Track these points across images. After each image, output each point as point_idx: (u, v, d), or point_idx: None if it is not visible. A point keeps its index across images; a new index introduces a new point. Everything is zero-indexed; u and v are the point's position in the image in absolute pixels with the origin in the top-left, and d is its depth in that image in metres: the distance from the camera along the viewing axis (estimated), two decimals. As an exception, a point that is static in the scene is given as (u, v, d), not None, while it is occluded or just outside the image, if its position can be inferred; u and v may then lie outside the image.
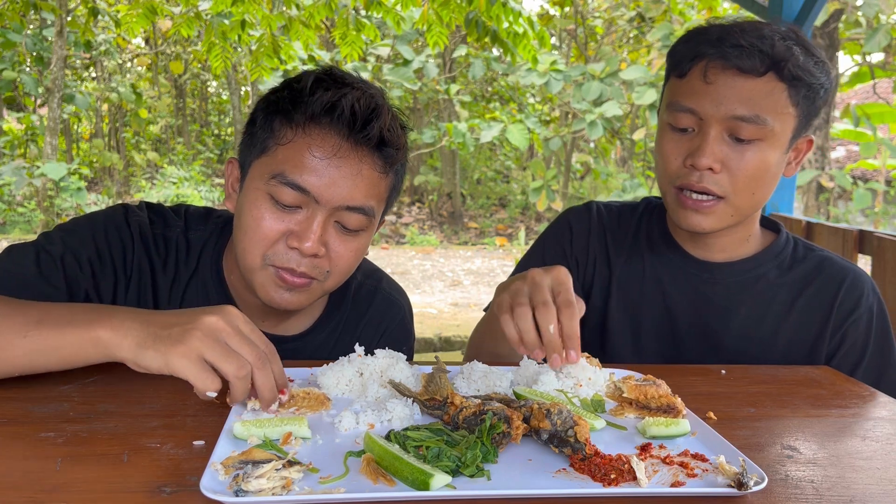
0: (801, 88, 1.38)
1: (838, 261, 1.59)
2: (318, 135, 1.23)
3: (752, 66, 1.35)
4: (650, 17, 12.58)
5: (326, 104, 1.22)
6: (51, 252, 1.30)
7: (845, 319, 1.53)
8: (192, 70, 16.98)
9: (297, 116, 1.24)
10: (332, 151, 1.23)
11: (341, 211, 1.25)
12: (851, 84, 11.09)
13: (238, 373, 0.98)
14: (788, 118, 1.39)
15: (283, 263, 1.26)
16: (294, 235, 1.24)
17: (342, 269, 1.32)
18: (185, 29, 6.17)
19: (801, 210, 12.24)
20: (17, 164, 12.14)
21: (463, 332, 7.13)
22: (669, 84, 1.48)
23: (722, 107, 1.37)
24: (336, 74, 1.29)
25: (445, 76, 14.08)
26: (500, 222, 15.27)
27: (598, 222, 1.67)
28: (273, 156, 1.26)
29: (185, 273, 1.42)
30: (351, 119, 1.23)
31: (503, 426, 0.91)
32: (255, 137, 1.30)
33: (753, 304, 1.54)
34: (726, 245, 1.56)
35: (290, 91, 1.28)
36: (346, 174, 1.23)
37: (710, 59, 1.38)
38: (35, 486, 0.80)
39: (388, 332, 1.55)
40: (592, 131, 11.62)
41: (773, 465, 0.93)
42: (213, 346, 0.98)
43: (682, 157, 1.42)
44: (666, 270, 1.59)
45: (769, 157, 1.40)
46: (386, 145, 1.26)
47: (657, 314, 1.58)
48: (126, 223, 1.38)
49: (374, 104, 1.25)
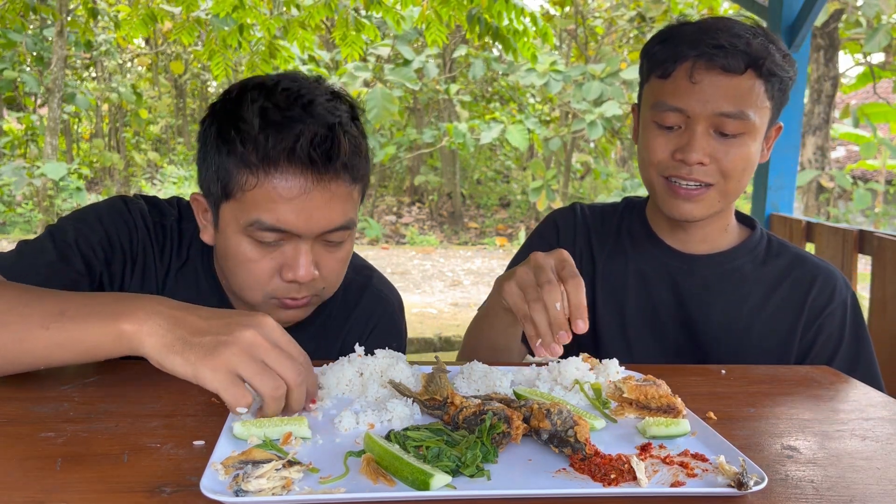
0: (775, 83, 1.47)
1: (810, 259, 1.64)
2: (280, 176, 1.20)
3: (734, 65, 1.42)
4: (650, 17, 12.58)
5: (284, 151, 1.19)
6: (66, 239, 1.32)
7: (819, 315, 1.58)
8: (193, 70, 16.98)
9: (253, 160, 1.20)
10: (302, 188, 1.20)
11: (324, 234, 1.27)
12: (857, 86, 11.10)
13: (274, 393, 0.95)
14: (765, 111, 1.48)
15: (284, 295, 1.29)
16: (287, 268, 1.26)
17: (335, 280, 1.36)
18: (185, 37, 6.17)
19: (801, 210, 12.24)
20: (17, 164, 12.15)
21: (463, 332, 7.11)
22: (651, 84, 1.53)
23: (708, 105, 1.43)
24: (280, 98, 1.22)
25: (445, 76, 14.08)
26: (500, 222, 15.27)
27: (583, 222, 1.73)
28: (240, 201, 1.23)
29: (176, 262, 1.44)
30: (310, 160, 1.20)
31: (503, 426, 0.91)
32: (214, 179, 1.27)
33: (730, 297, 1.60)
34: (707, 235, 1.62)
35: (235, 129, 1.22)
36: (320, 204, 1.22)
37: (694, 60, 1.44)
38: (35, 486, 0.80)
39: (378, 328, 1.55)
40: (592, 131, 11.62)
41: (773, 465, 0.93)
42: (250, 363, 0.94)
43: (670, 151, 1.49)
44: (648, 265, 1.64)
45: (751, 149, 1.49)
46: (351, 167, 1.25)
47: (642, 307, 1.63)
48: (127, 210, 1.41)
49: (328, 137, 1.21)
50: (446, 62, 14.24)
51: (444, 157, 15.18)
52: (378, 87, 11.63)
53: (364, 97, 11.20)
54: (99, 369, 1.19)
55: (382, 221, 14.74)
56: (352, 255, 1.60)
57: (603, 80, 11.49)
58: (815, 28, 10.29)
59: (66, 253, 1.31)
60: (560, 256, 1.19)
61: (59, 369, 1.18)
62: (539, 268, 1.17)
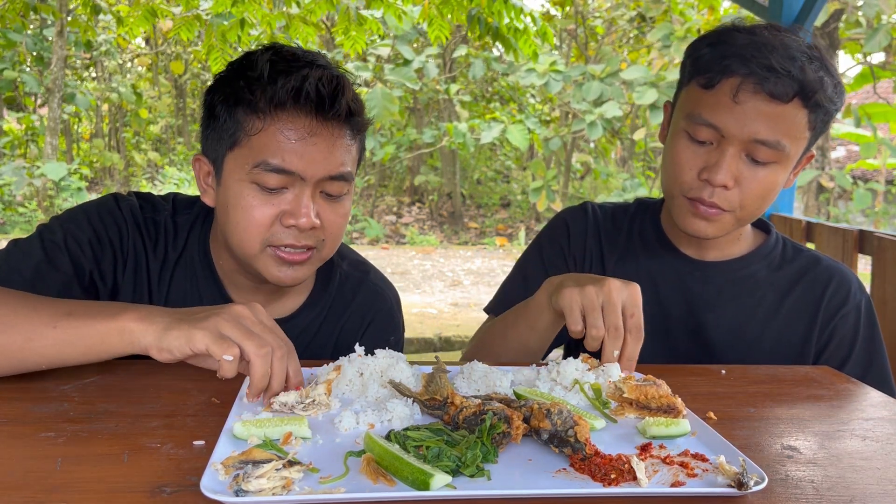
0: (820, 114, 1.39)
1: (826, 261, 1.61)
2: (287, 118, 1.26)
3: (782, 92, 1.34)
4: (650, 17, 12.58)
5: (291, 91, 1.25)
6: (54, 239, 1.35)
7: (833, 317, 1.56)
8: (193, 70, 16.98)
9: (262, 105, 1.27)
10: (306, 131, 1.27)
11: (325, 182, 1.30)
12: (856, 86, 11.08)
13: (258, 350, 1.01)
14: (803, 141, 1.42)
15: (282, 242, 1.31)
16: (288, 214, 1.29)
17: (335, 235, 1.37)
18: (185, 32, 6.17)
19: (801, 210, 12.24)
20: (17, 164, 12.15)
21: (463, 332, 7.13)
22: (691, 91, 1.45)
23: (746, 128, 1.36)
24: (286, 52, 1.31)
25: (445, 76, 14.08)
26: (500, 222, 15.27)
27: (594, 222, 1.70)
28: (247, 146, 1.28)
29: (173, 254, 1.46)
30: (318, 100, 1.26)
31: (503, 426, 0.91)
32: (220, 131, 1.32)
33: (743, 303, 1.57)
34: (719, 244, 1.59)
35: (245, 79, 1.29)
36: (323, 148, 1.28)
37: (742, 79, 1.36)
38: (35, 486, 0.80)
39: (375, 323, 1.56)
40: (592, 131, 11.62)
41: (773, 465, 0.93)
42: (237, 326, 1.03)
43: (698, 169, 1.42)
44: (659, 269, 1.61)
45: (779, 177, 1.43)
46: (353, 115, 1.31)
47: (650, 311, 1.59)
48: (118, 208, 1.43)
49: (335, 80, 1.28)
50: (446, 62, 14.24)
51: (444, 157, 15.17)
52: (378, 87, 11.63)
53: (364, 97, 11.19)
54: (99, 369, 1.20)
55: (382, 221, 14.73)
56: (349, 252, 1.61)
57: (603, 80, 11.48)
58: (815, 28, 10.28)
59: (54, 254, 1.33)
60: (633, 299, 1.21)
61: (59, 369, 1.18)
62: (610, 304, 1.19)
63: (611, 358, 1.18)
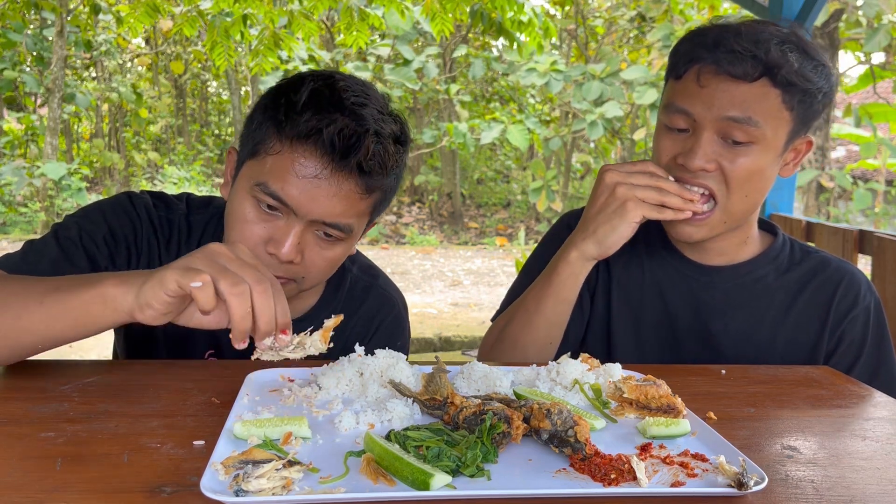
0: (796, 94, 1.38)
1: (835, 262, 1.60)
2: (302, 152, 1.26)
3: (743, 72, 1.36)
4: (651, 16, 12.58)
5: (312, 130, 1.24)
6: (69, 236, 1.36)
7: (843, 319, 1.54)
8: (193, 70, 16.99)
9: (287, 130, 1.26)
10: (315, 171, 1.25)
11: (318, 224, 1.29)
12: (858, 87, 11.09)
13: (232, 289, 0.97)
14: (782, 122, 1.40)
15: (266, 262, 1.29)
16: (273, 242, 1.29)
17: (315, 276, 1.36)
18: (187, 28, 6.17)
19: (801, 210, 12.24)
20: (17, 164, 12.15)
21: (463, 332, 7.13)
22: (668, 85, 1.50)
23: (714, 109, 1.38)
24: (333, 90, 1.28)
25: (445, 76, 14.08)
26: (500, 222, 15.27)
27: None
28: (261, 162, 1.29)
29: (185, 253, 1.44)
30: (331, 148, 1.24)
31: (503, 426, 0.91)
32: (252, 136, 1.33)
33: (751, 307, 1.55)
34: (724, 249, 1.56)
35: (286, 100, 1.29)
36: (326, 193, 1.26)
37: (703, 64, 1.40)
38: (35, 486, 0.80)
39: (382, 327, 1.57)
40: (593, 131, 11.62)
41: (773, 465, 0.93)
42: (210, 263, 0.99)
43: (674, 154, 1.44)
44: (664, 274, 1.60)
45: (761, 161, 1.41)
46: (367, 173, 1.28)
47: (657, 318, 1.59)
48: (132, 206, 1.44)
49: (357, 135, 1.25)
50: (446, 62, 14.23)
51: (445, 157, 15.18)
52: (378, 87, 11.63)
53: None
54: (99, 369, 1.20)
55: (382, 221, 14.73)
56: (359, 256, 1.61)
57: (603, 80, 11.48)
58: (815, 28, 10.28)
59: (70, 250, 1.34)
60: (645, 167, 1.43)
61: (59, 369, 1.18)
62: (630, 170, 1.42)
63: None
